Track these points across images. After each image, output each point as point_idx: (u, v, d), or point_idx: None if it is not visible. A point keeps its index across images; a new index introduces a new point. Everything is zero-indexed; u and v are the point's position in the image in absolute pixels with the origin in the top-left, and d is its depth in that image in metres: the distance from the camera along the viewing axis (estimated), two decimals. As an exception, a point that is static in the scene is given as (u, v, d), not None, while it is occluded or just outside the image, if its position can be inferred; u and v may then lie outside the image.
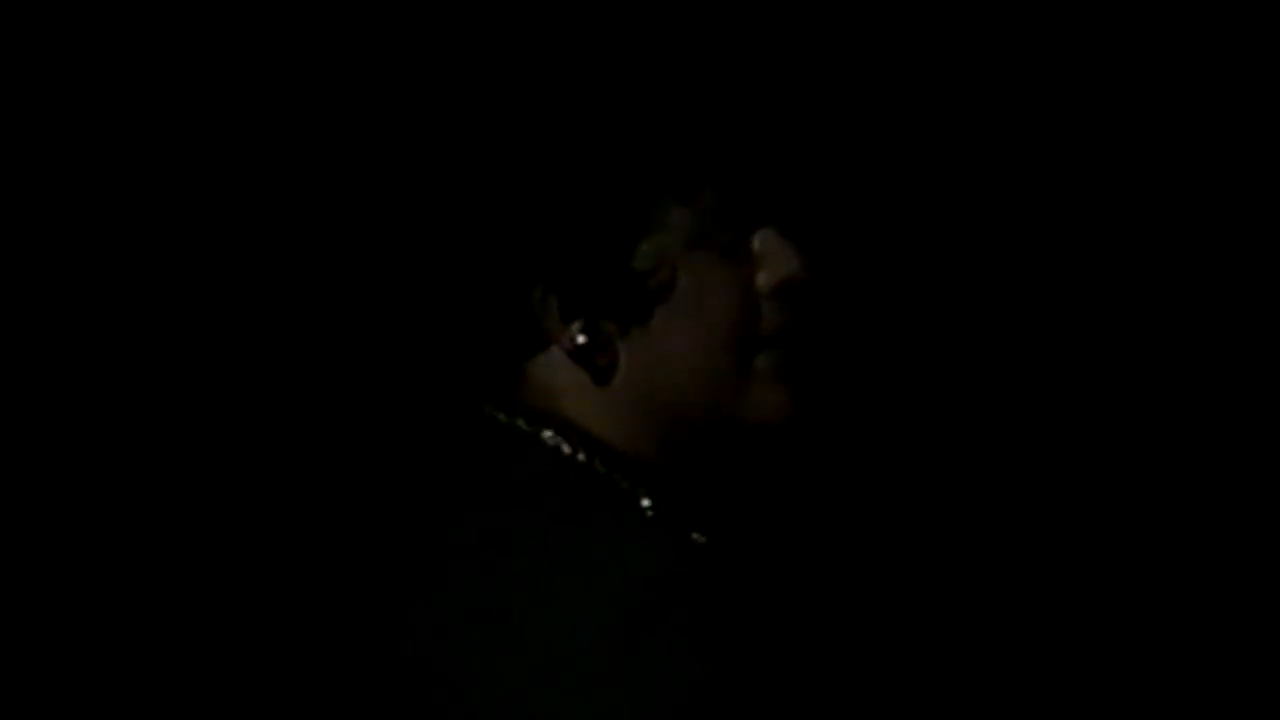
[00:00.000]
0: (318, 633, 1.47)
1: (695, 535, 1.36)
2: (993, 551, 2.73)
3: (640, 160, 1.40)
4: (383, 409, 2.22)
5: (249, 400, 2.40)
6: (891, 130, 2.63)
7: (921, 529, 2.71)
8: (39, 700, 2.35)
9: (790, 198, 1.48)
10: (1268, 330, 2.72)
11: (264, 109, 2.36)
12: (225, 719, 2.27)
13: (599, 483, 1.40)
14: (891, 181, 2.64)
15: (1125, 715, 2.76)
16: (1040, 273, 2.73)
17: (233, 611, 2.34)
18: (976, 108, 2.67)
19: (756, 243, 1.45)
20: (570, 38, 1.44)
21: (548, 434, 1.41)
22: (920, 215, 2.66)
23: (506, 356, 1.43)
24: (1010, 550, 2.73)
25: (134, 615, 2.39)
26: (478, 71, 1.45)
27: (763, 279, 1.45)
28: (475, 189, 1.41)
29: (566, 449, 1.41)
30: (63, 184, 2.35)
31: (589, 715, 1.27)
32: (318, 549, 1.50)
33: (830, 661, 1.38)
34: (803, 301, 1.45)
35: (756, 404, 1.44)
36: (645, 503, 1.40)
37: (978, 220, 2.69)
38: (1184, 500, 2.76)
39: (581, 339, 1.40)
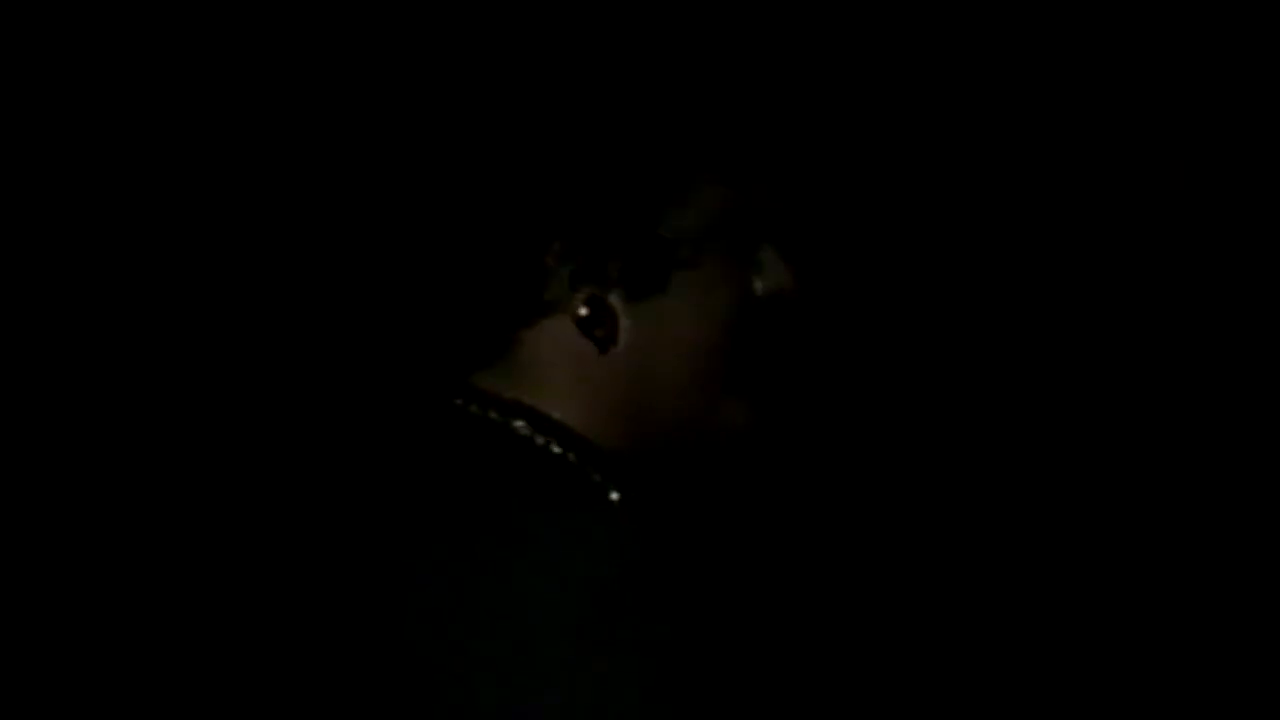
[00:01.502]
0: (290, 624, 1.49)
1: (662, 524, 1.36)
2: (982, 547, 2.74)
3: (683, 131, 1.39)
4: (356, 401, 2.22)
5: (222, 389, 2.40)
6: (906, 144, 2.63)
7: (906, 524, 2.72)
8: (35, 700, 2.36)
9: (808, 202, 1.48)
10: (1267, 330, 2.71)
11: (252, 73, 2.35)
12: (207, 711, 2.28)
13: (570, 474, 1.41)
14: (900, 194, 2.64)
15: (1125, 715, 2.76)
16: (1036, 284, 2.74)
17: (209, 605, 2.35)
18: (978, 121, 2.67)
19: (760, 251, 1.46)
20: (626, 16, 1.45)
21: (519, 424, 1.42)
22: (924, 226, 2.67)
23: (485, 342, 1.43)
24: (1003, 547, 2.74)
25: (117, 605, 2.40)
26: (525, 36, 1.44)
27: (760, 286, 1.45)
28: (500, 150, 1.40)
29: (539, 440, 1.41)
30: (46, 183, 2.35)
31: (560, 702, 1.28)
32: (290, 541, 1.51)
33: (802, 649, 1.39)
34: (789, 315, 1.46)
35: (733, 409, 1.45)
36: (614, 495, 1.41)
37: (977, 233, 2.69)
38: (1182, 500, 2.76)
39: (584, 310, 1.39)
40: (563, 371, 1.42)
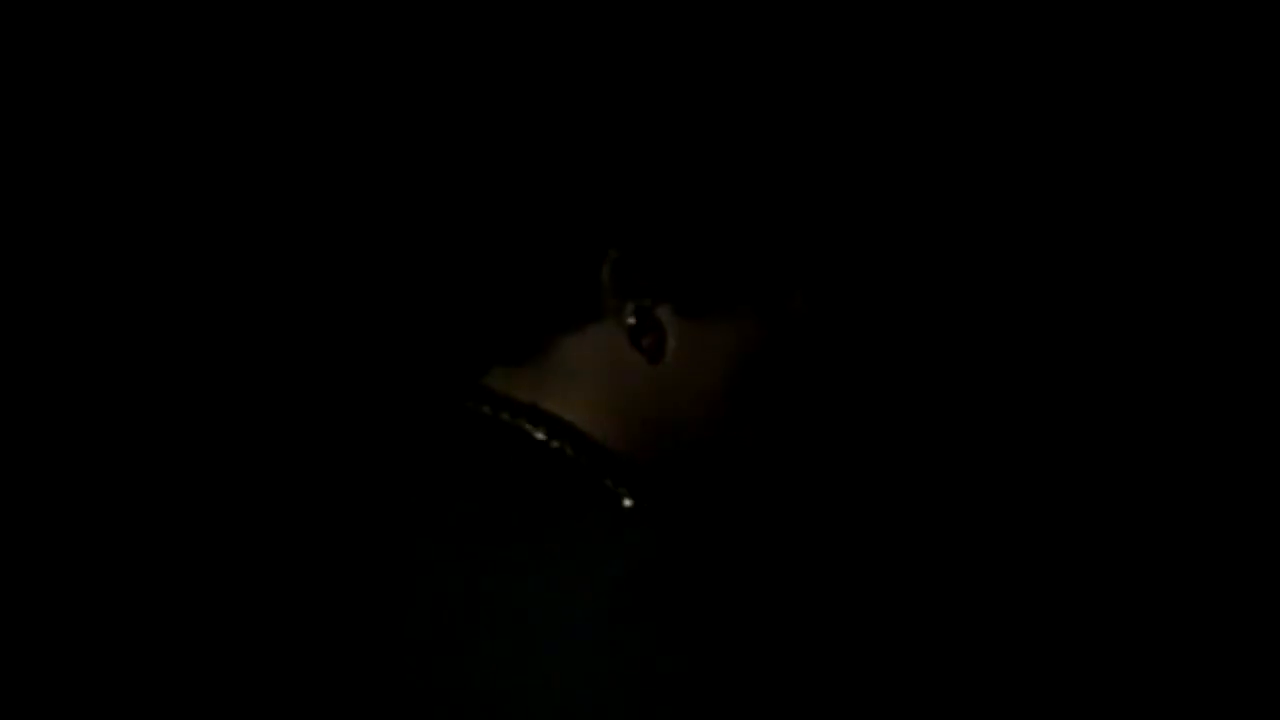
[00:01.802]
0: (303, 625, 1.49)
1: (675, 532, 1.36)
2: (989, 550, 2.74)
3: (739, 148, 1.40)
4: (369, 403, 2.23)
5: (228, 389, 2.40)
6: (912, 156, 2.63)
7: (909, 527, 2.72)
8: (33, 699, 2.37)
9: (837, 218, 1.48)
10: (1267, 331, 2.72)
11: (262, 66, 2.34)
12: (212, 712, 2.28)
13: (583, 478, 1.41)
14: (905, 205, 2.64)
15: (1123, 715, 2.77)
16: (1036, 285, 2.74)
17: (217, 606, 2.34)
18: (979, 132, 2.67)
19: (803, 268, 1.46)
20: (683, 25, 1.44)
21: (532, 427, 1.42)
22: (928, 238, 2.67)
23: (511, 345, 1.42)
24: (999, 547, 2.74)
25: (123, 603, 2.41)
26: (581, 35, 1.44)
27: (789, 305, 1.45)
28: (557, 152, 1.40)
29: (554, 444, 1.41)
30: (28, 184, 2.35)
31: (575, 706, 1.28)
32: (303, 541, 1.51)
33: (818, 656, 1.40)
34: (819, 331, 1.46)
35: (755, 424, 1.46)
36: (627, 502, 1.41)
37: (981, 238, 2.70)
38: (1181, 500, 2.76)
39: (633, 320, 1.39)
40: (592, 379, 1.42)
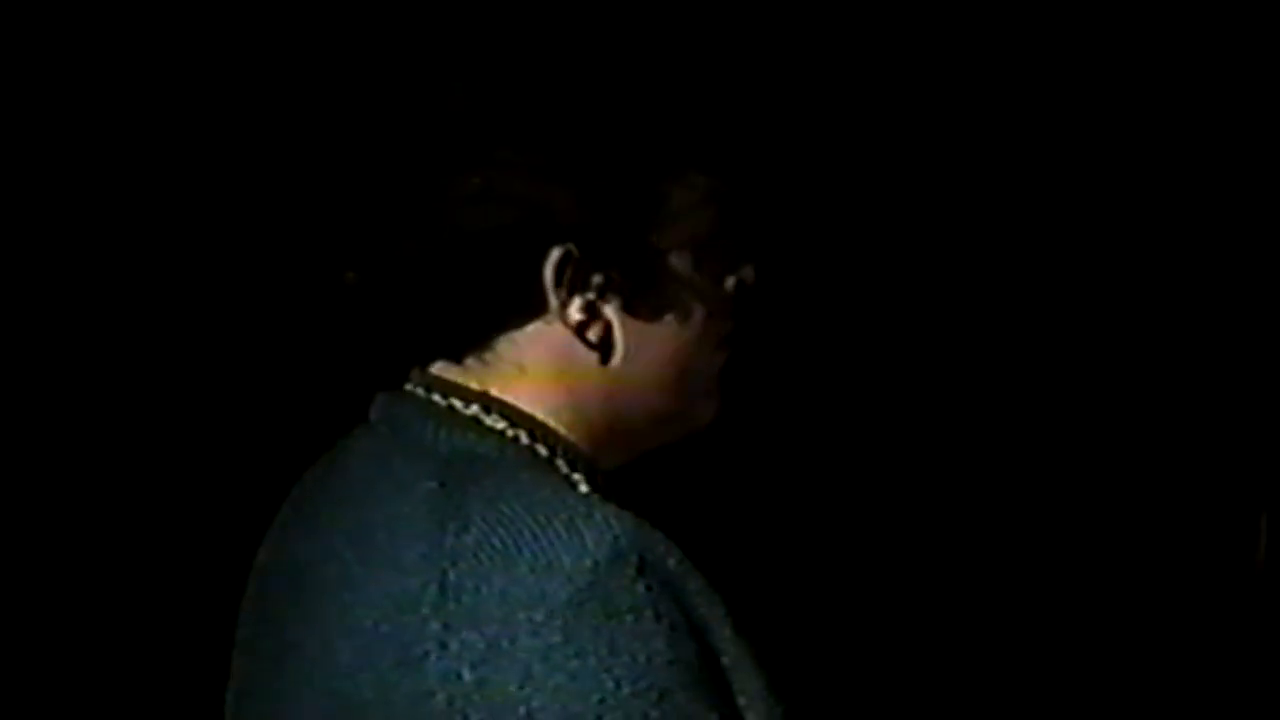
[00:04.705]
0: (265, 618, 1.50)
1: (634, 519, 1.37)
2: (965, 544, 2.74)
3: (681, 130, 1.42)
4: (324, 394, 2.24)
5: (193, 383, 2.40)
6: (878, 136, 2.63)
7: (881, 519, 2.72)
8: (30, 699, 2.38)
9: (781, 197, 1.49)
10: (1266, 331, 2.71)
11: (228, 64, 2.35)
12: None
13: (541, 465, 1.42)
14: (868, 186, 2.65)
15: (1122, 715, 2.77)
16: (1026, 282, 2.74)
17: (183, 600, 2.36)
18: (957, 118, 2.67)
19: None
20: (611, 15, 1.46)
21: (487, 415, 1.43)
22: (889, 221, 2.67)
23: (483, 330, 1.44)
24: (982, 541, 2.74)
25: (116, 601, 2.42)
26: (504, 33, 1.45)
27: (730, 285, 1.47)
28: (499, 151, 1.41)
29: (510, 432, 1.42)
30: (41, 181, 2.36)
31: (541, 690, 1.29)
32: (259, 524, 1.52)
33: (775, 644, 1.40)
34: (749, 306, 1.48)
35: (704, 405, 1.47)
36: (583, 489, 1.42)
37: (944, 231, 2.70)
38: (1181, 499, 2.76)
39: (579, 315, 1.41)
40: (542, 373, 1.43)
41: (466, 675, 1.31)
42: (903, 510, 2.72)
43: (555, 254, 1.39)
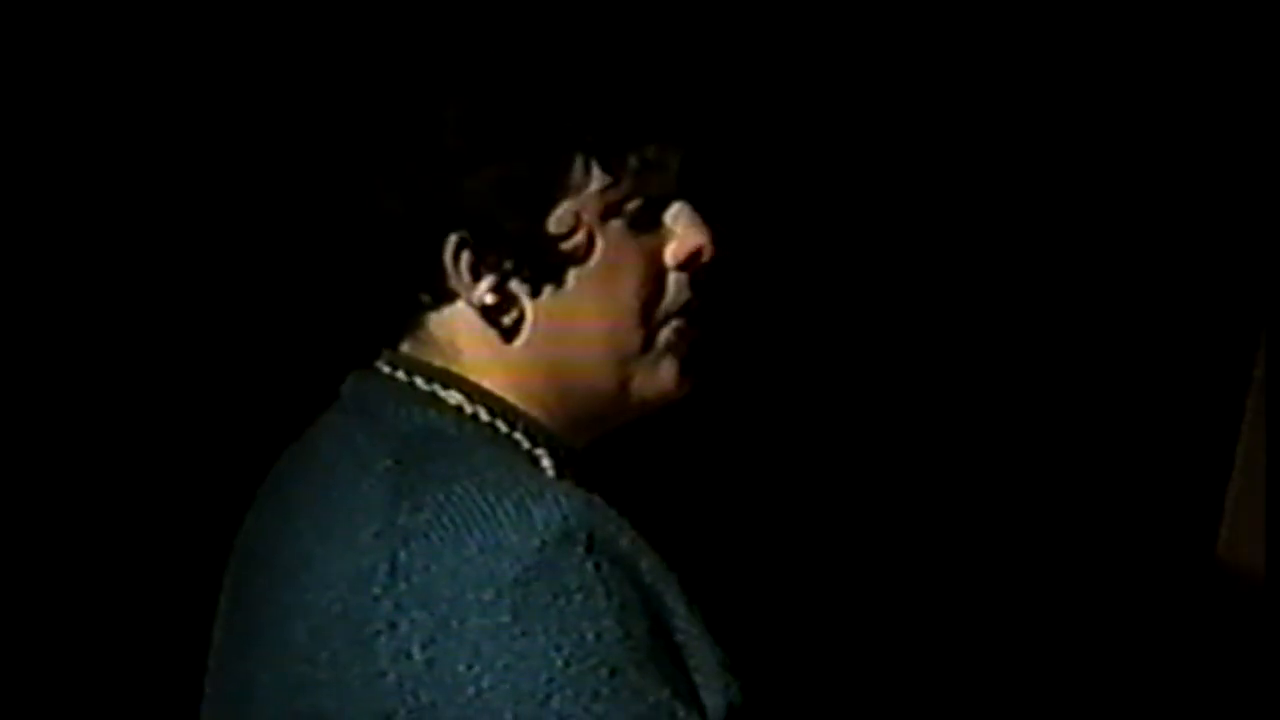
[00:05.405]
0: (227, 598, 1.52)
1: (589, 496, 1.37)
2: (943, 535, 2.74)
3: (564, 118, 1.42)
4: (283, 371, 2.24)
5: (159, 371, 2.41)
6: (810, 109, 2.62)
7: (846, 508, 2.72)
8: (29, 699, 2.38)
9: (707, 169, 1.50)
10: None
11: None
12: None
13: (501, 441, 1.42)
14: (805, 160, 2.64)
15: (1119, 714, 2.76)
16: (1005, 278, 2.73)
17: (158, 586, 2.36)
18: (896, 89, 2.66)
19: (668, 216, 1.47)
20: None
21: (448, 392, 1.44)
22: (832, 194, 2.66)
23: (408, 313, 1.46)
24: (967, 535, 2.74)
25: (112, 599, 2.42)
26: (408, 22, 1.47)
27: (670, 252, 1.47)
28: (390, 140, 1.44)
29: (468, 408, 1.43)
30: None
31: (490, 669, 1.29)
32: (214, 506, 1.52)
33: (729, 624, 1.40)
34: (706, 276, 1.47)
35: (652, 377, 1.47)
36: (545, 463, 1.43)
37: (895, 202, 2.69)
38: (1181, 499, 2.75)
39: (490, 298, 1.42)
40: (477, 349, 1.45)
41: (416, 655, 1.31)
42: (880, 500, 2.71)
43: (451, 240, 1.42)
